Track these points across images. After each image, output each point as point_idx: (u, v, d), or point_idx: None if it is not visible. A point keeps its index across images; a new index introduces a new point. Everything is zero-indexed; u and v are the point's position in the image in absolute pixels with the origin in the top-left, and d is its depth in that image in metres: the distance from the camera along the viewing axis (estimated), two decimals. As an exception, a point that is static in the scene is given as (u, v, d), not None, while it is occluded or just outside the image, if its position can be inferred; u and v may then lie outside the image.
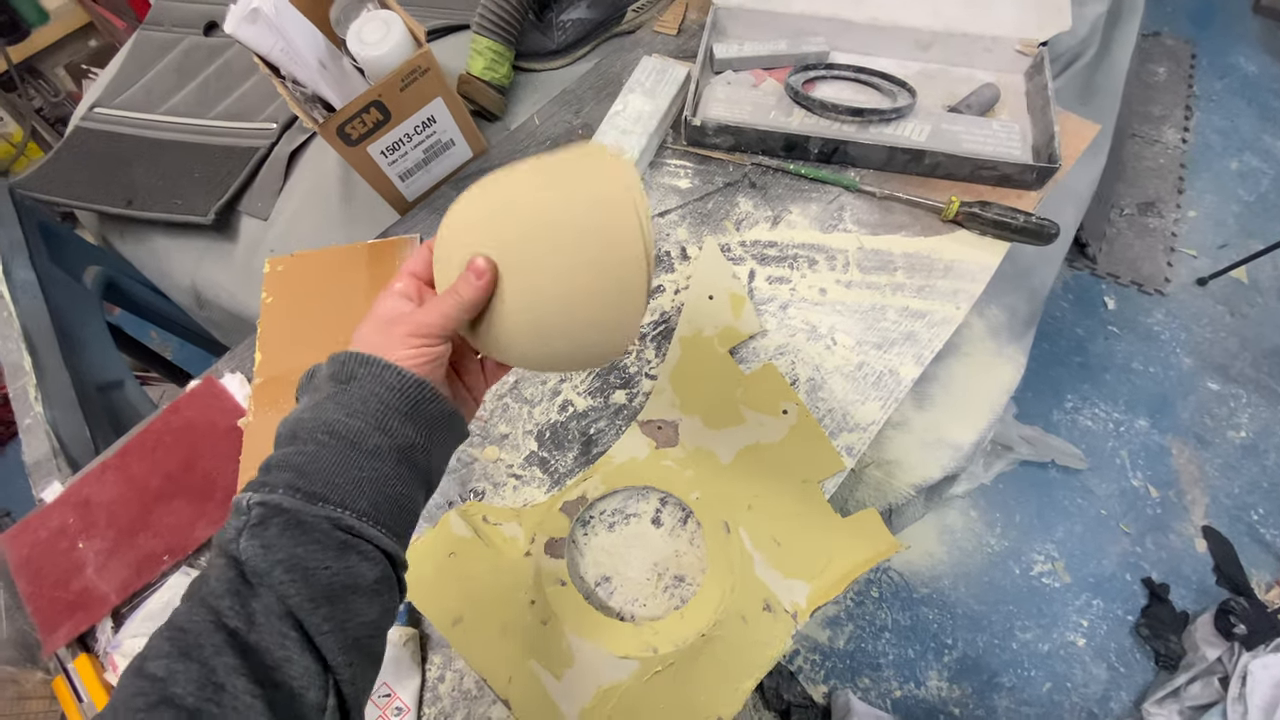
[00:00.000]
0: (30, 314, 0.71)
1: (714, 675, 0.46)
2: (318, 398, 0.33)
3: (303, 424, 0.32)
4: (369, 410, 0.32)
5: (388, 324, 0.35)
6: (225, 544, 0.29)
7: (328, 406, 0.32)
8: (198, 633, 0.26)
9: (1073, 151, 0.72)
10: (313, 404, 0.33)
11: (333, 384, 0.33)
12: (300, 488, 0.29)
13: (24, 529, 0.56)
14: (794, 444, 0.56)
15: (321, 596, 0.28)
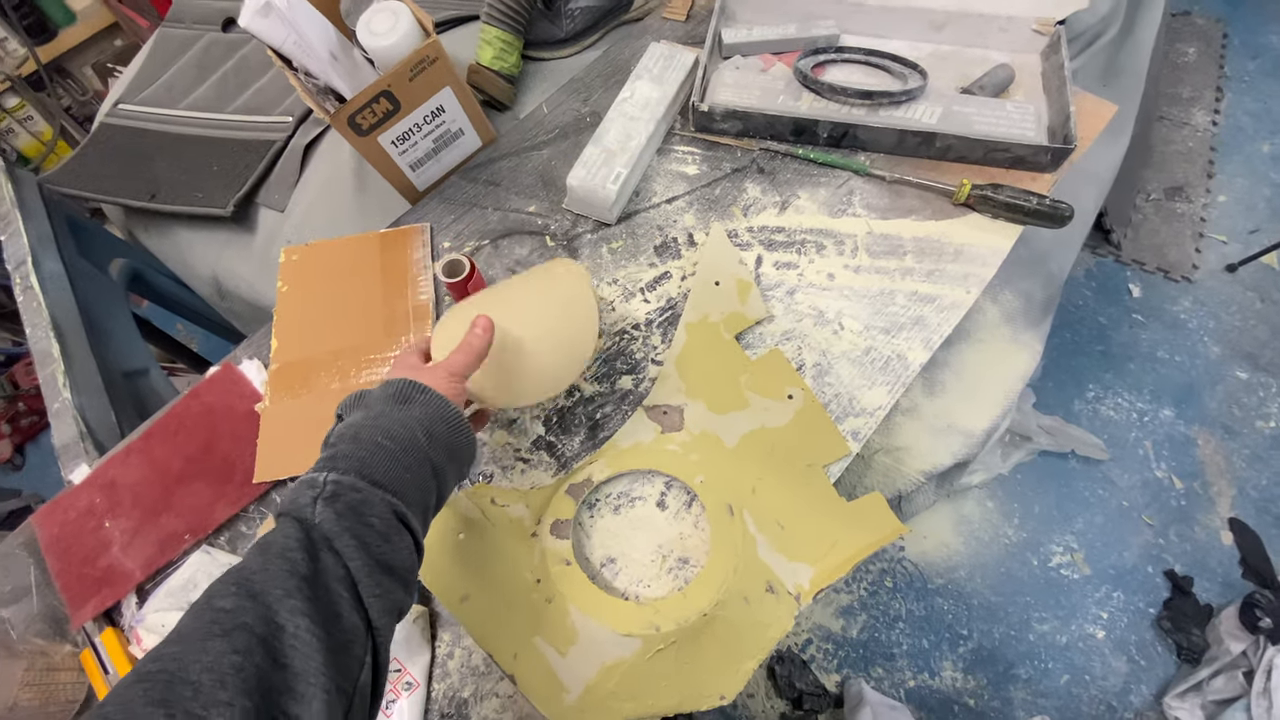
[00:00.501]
0: (59, 304, 0.73)
1: (716, 654, 0.47)
2: (373, 411, 0.39)
3: (364, 429, 0.37)
4: (420, 425, 0.38)
5: (421, 367, 0.44)
6: (297, 509, 0.33)
7: (389, 416, 0.38)
8: (268, 577, 0.29)
9: (1090, 132, 0.70)
10: (372, 415, 0.38)
11: (391, 402, 0.39)
12: (365, 474, 0.34)
13: (53, 509, 0.58)
14: (799, 428, 0.56)
15: (375, 566, 0.32)
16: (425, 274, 0.68)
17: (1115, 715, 1.14)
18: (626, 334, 0.63)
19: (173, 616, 0.49)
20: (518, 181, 0.73)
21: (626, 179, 0.68)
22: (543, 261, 0.68)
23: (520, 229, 0.70)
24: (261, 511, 0.57)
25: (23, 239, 0.77)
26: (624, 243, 0.68)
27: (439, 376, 0.42)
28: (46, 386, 0.66)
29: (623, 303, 0.65)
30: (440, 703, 0.49)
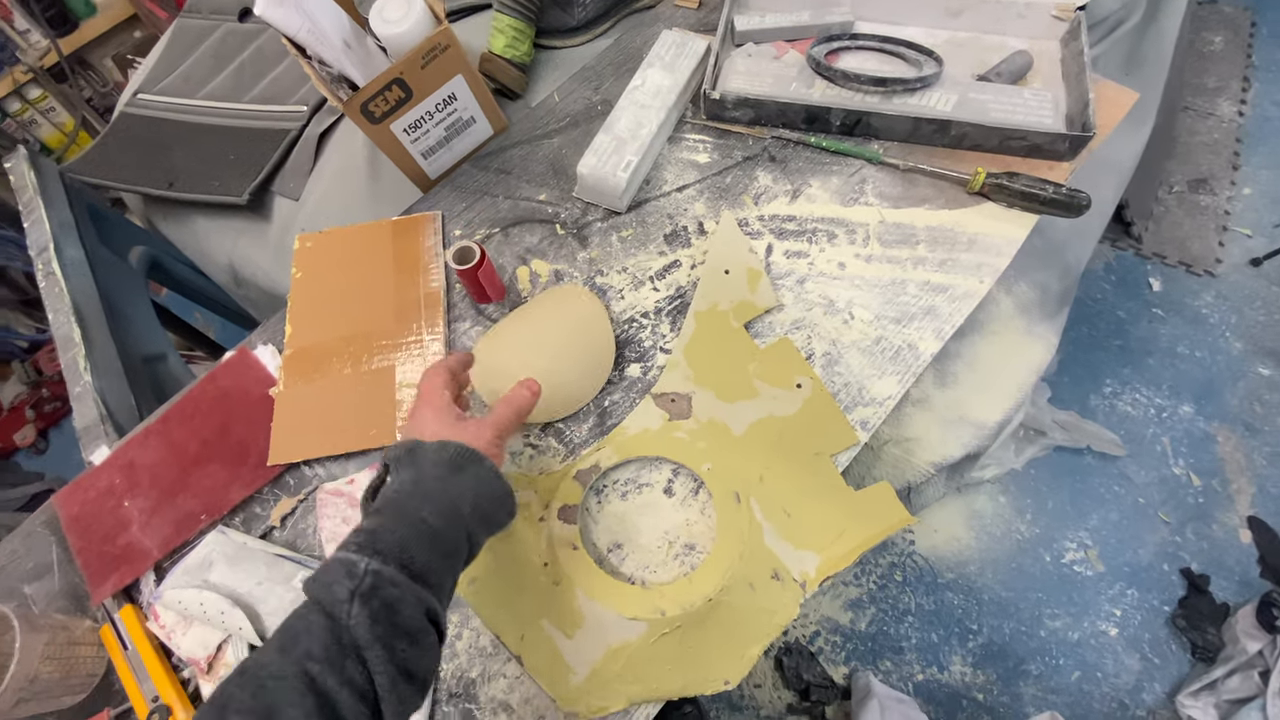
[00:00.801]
0: (80, 290, 0.75)
1: (721, 639, 0.47)
2: (424, 475, 0.38)
3: (411, 500, 0.37)
4: (467, 499, 0.38)
5: (467, 424, 0.42)
6: (332, 601, 0.31)
7: (438, 486, 0.38)
8: (286, 693, 0.28)
9: (1109, 120, 0.69)
10: (421, 481, 0.38)
11: (443, 467, 0.38)
12: (405, 564, 0.34)
13: (75, 489, 0.60)
14: (807, 417, 0.56)
15: (399, 675, 0.31)
16: (436, 262, 0.68)
17: (1127, 713, 1.13)
18: (635, 322, 0.63)
19: (189, 594, 0.50)
20: (529, 170, 0.74)
21: (637, 167, 0.68)
22: (552, 249, 0.68)
23: (531, 217, 0.71)
24: (275, 494, 0.58)
25: (45, 226, 0.78)
26: (634, 231, 0.68)
27: (487, 437, 0.42)
28: (68, 370, 0.68)
29: (632, 291, 0.65)
30: (448, 682, 0.50)
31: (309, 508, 0.57)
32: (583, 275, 0.66)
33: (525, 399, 0.47)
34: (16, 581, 0.57)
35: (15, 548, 0.59)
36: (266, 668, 0.29)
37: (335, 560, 0.33)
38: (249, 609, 0.50)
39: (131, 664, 0.51)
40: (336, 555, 0.34)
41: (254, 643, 0.49)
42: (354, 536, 0.35)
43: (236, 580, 0.51)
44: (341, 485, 0.58)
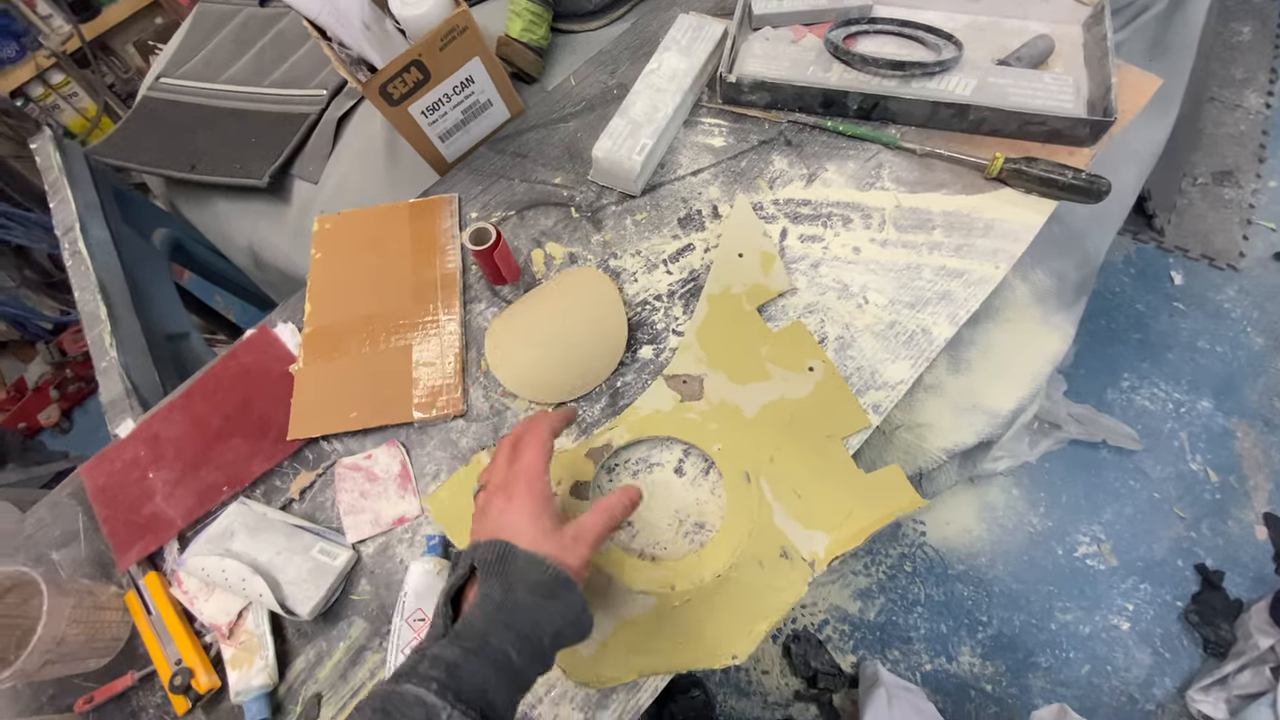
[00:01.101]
0: (105, 268, 0.76)
1: (729, 615, 0.47)
2: (514, 599, 0.35)
3: (497, 630, 0.34)
4: (550, 630, 0.36)
5: (564, 535, 0.39)
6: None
7: (528, 614, 0.35)
8: None
9: (1132, 106, 0.68)
10: (510, 604, 0.35)
11: (537, 593, 0.36)
12: (488, 714, 0.32)
13: (101, 460, 0.61)
14: (819, 400, 0.56)
15: None
16: (453, 243, 0.69)
17: (1137, 706, 1.13)
18: (648, 305, 0.64)
19: (211, 562, 0.51)
20: (544, 153, 0.74)
21: (652, 150, 0.68)
22: (567, 232, 0.69)
23: (546, 200, 0.71)
24: (294, 467, 0.60)
25: (71, 207, 0.80)
26: (648, 214, 0.68)
27: (582, 556, 0.39)
28: (94, 346, 0.69)
29: (645, 274, 0.65)
30: (462, 653, 0.51)
31: (327, 481, 0.59)
32: (596, 258, 0.67)
33: (622, 509, 0.42)
34: (44, 549, 0.59)
35: (43, 516, 0.61)
36: None
37: (413, 696, 0.31)
38: (269, 577, 0.51)
39: (155, 628, 0.53)
40: (415, 690, 0.31)
41: (274, 609, 0.50)
42: (434, 667, 0.32)
43: (257, 549, 0.53)
44: (359, 460, 0.59)
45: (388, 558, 0.55)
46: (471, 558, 0.37)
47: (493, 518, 0.40)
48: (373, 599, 0.54)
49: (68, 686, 0.54)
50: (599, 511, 0.41)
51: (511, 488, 0.40)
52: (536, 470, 0.41)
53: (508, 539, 0.38)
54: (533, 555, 0.37)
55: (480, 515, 0.42)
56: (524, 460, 0.41)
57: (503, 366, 0.60)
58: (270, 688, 0.50)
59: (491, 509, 0.41)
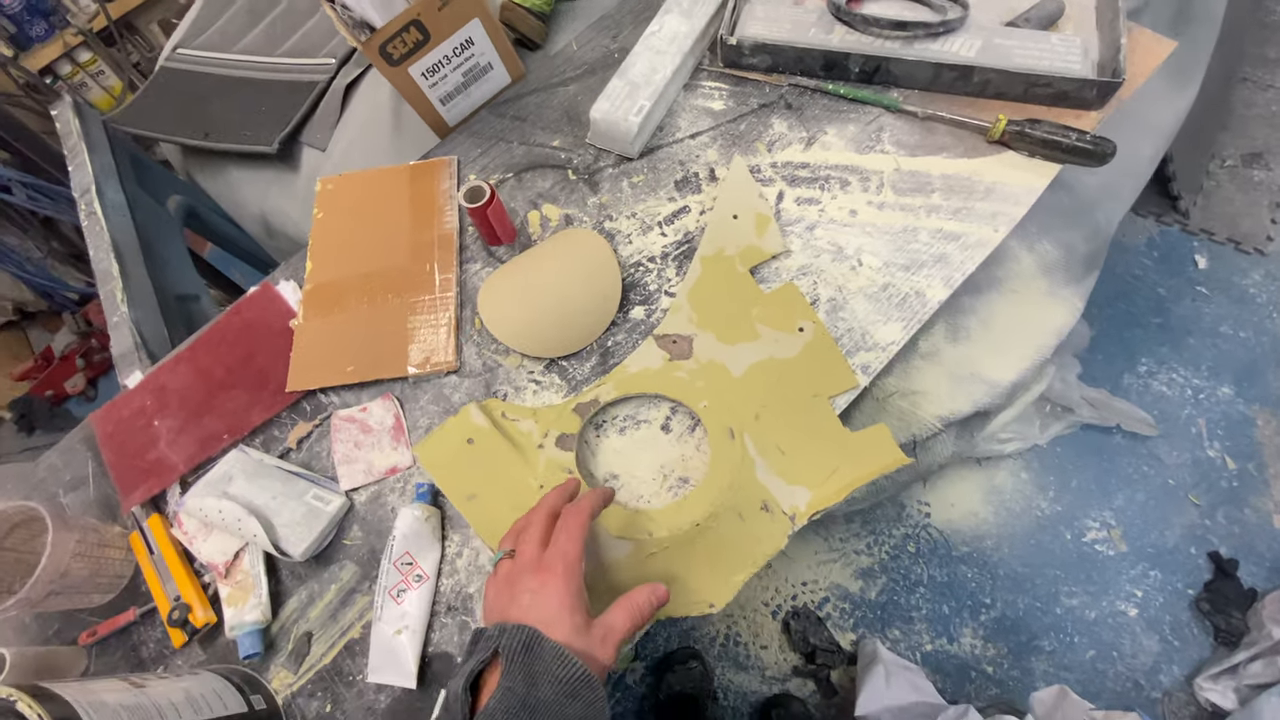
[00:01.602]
0: (119, 229, 0.79)
1: (707, 564, 0.48)
2: (538, 694, 0.33)
3: (517, 715, 0.33)
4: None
5: (592, 631, 0.37)
6: None
7: (557, 714, 0.33)
8: None
9: (1144, 69, 0.66)
10: (534, 699, 0.33)
11: (561, 691, 0.34)
12: None
13: (110, 409, 0.64)
14: (807, 360, 0.56)
15: None
16: (451, 204, 0.70)
17: (1142, 693, 1.11)
18: (642, 266, 0.64)
19: (209, 503, 0.53)
20: (543, 117, 0.74)
21: (650, 112, 0.68)
22: (563, 194, 0.69)
23: (544, 163, 0.71)
24: (292, 418, 0.61)
25: (88, 169, 0.82)
26: (645, 177, 0.68)
27: (609, 655, 0.37)
28: (106, 302, 0.72)
29: (640, 236, 0.66)
30: (448, 595, 0.52)
31: (324, 432, 0.60)
32: (592, 220, 0.67)
33: (651, 609, 0.40)
34: (54, 490, 0.62)
35: (54, 462, 0.64)
36: None
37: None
38: (264, 519, 0.53)
39: (157, 567, 0.55)
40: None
41: (268, 550, 0.52)
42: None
43: (253, 493, 0.54)
44: (354, 412, 0.60)
45: (379, 506, 0.56)
46: (497, 643, 0.35)
47: (522, 601, 0.38)
48: (364, 545, 0.55)
49: (73, 621, 0.56)
50: (627, 611, 0.39)
51: (546, 574, 0.38)
52: (573, 559, 0.39)
53: (535, 626, 0.36)
54: (561, 651, 0.35)
55: (504, 589, 0.40)
56: (561, 546, 0.40)
57: (496, 322, 0.60)
58: (263, 625, 0.52)
59: (520, 590, 0.39)
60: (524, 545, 0.41)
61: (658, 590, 0.41)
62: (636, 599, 0.40)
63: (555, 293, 0.60)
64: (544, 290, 0.60)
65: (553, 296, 0.60)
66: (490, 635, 0.36)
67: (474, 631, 0.38)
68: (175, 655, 0.53)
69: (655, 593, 0.41)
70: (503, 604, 0.40)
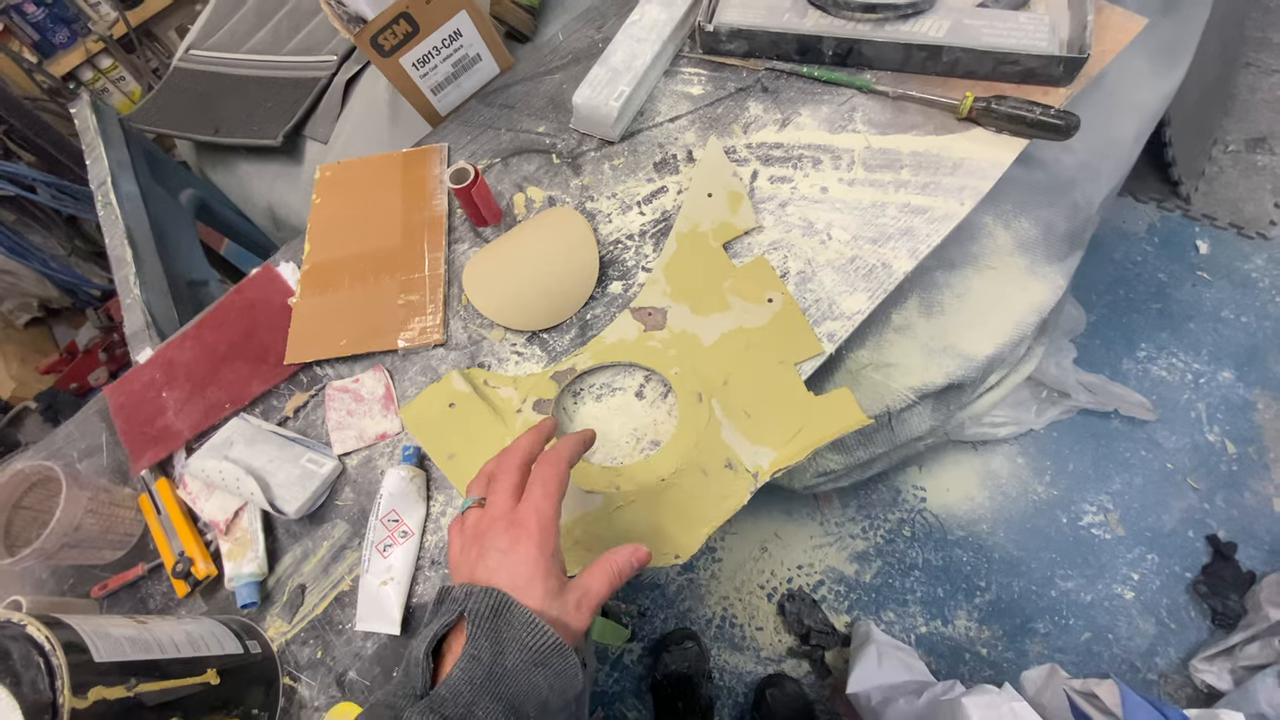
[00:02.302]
0: (133, 218, 0.83)
1: (674, 517, 0.50)
2: (506, 663, 0.32)
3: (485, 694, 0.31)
4: (537, 698, 0.32)
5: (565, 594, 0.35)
6: None
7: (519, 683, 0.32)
8: None
9: (1113, 45, 0.68)
10: (501, 668, 0.32)
11: (529, 659, 0.32)
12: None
13: (123, 382, 0.68)
14: (775, 328, 0.58)
15: None
16: (441, 189, 0.73)
17: (1138, 675, 1.11)
18: (620, 244, 0.67)
19: (211, 464, 0.57)
20: (530, 104, 0.77)
21: (630, 97, 0.70)
22: (547, 177, 0.72)
23: (529, 148, 0.74)
24: (290, 389, 0.65)
25: (104, 163, 0.87)
26: (625, 160, 0.71)
27: (584, 620, 0.35)
28: (121, 285, 0.76)
29: (619, 215, 0.68)
30: (431, 551, 0.55)
31: (319, 402, 0.64)
32: (574, 200, 0.70)
33: (630, 570, 0.38)
34: (71, 457, 0.66)
35: (70, 431, 0.68)
36: None
37: None
38: (261, 480, 0.56)
39: (164, 525, 0.58)
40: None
41: (264, 507, 0.55)
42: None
43: (252, 456, 0.58)
44: (347, 383, 0.63)
45: (370, 469, 0.60)
46: (463, 606, 0.33)
47: (490, 560, 0.35)
48: (354, 505, 0.58)
49: (86, 576, 0.60)
50: (605, 573, 0.37)
51: (518, 531, 0.36)
52: (548, 518, 0.36)
53: (504, 589, 0.33)
54: (532, 618, 0.33)
55: (472, 544, 0.37)
56: (536, 501, 0.37)
57: (481, 297, 0.63)
58: (260, 577, 0.55)
59: (489, 548, 0.36)
60: (495, 495, 0.38)
61: (639, 552, 0.38)
62: (617, 561, 0.38)
63: (536, 269, 0.63)
64: (526, 267, 0.63)
65: (534, 273, 0.63)
66: (456, 597, 0.34)
67: (439, 590, 0.37)
68: (179, 606, 0.57)
69: (636, 554, 0.38)
70: (470, 561, 0.37)
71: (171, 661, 0.44)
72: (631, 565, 0.38)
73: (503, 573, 0.35)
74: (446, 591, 0.36)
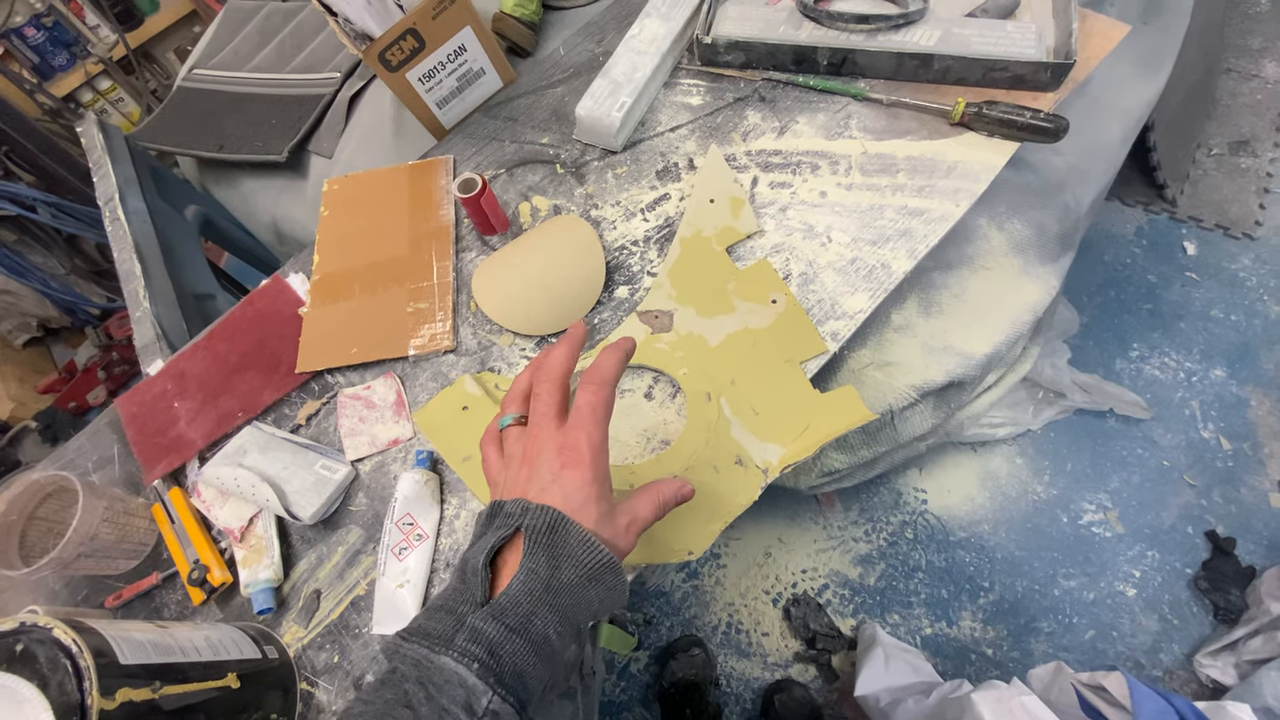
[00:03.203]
0: (141, 233, 0.84)
1: (685, 514, 0.51)
2: (561, 577, 0.33)
3: (542, 609, 0.32)
4: (590, 611, 0.34)
5: (615, 511, 0.37)
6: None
7: (573, 596, 0.33)
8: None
9: (1097, 52, 0.70)
10: (558, 581, 0.33)
11: (584, 575, 0.33)
12: (524, 700, 0.31)
13: (134, 393, 0.68)
14: (780, 328, 0.59)
15: None
16: (448, 199, 0.75)
17: (1143, 672, 1.12)
18: (626, 249, 0.68)
19: (225, 471, 0.57)
20: (533, 117, 0.79)
21: (631, 108, 0.72)
22: (552, 187, 0.74)
23: (534, 159, 0.76)
24: (302, 397, 0.66)
25: (111, 180, 0.88)
26: (628, 168, 0.73)
27: (630, 542, 0.37)
28: (130, 299, 0.77)
29: (624, 222, 0.70)
30: (446, 554, 0.55)
31: (330, 409, 0.64)
32: (579, 209, 0.71)
33: (676, 500, 0.40)
34: (84, 468, 0.66)
35: (83, 444, 0.68)
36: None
37: (453, 672, 0.30)
38: (275, 486, 0.57)
39: (178, 534, 0.59)
40: (454, 667, 0.30)
41: (279, 513, 0.56)
42: (473, 642, 0.31)
43: (266, 464, 0.58)
44: (359, 390, 0.64)
45: (383, 474, 0.60)
46: (520, 521, 0.34)
47: (541, 480, 0.36)
48: (368, 510, 0.59)
49: (100, 587, 0.60)
50: (653, 500, 0.39)
51: (569, 455, 0.36)
52: (598, 442, 0.37)
53: (558, 508, 0.34)
54: (587, 536, 0.34)
55: (519, 466, 0.38)
56: (585, 424, 0.37)
57: (489, 304, 0.65)
58: (276, 583, 0.56)
59: (540, 470, 0.36)
60: (538, 416, 0.38)
61: (685, 487, 0.40)
62: (664, 491, 0.39)
63: (544, 275, 0.64)
64: (534, 273, 0.64)
65: (542, 279, 0.64)
66: (511, 513, 0.35)
67: (490, 504, 0.37)
68: (194, 614, 0.57)
69: (683, 489, 0.40)
70: (519, 480, 0.37)
71: (193, 665, 0.44)
72: (677, 497, 0.40)
73: (555, 493, 0.35)
74: (499, 506, 0.36)
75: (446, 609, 0.33)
